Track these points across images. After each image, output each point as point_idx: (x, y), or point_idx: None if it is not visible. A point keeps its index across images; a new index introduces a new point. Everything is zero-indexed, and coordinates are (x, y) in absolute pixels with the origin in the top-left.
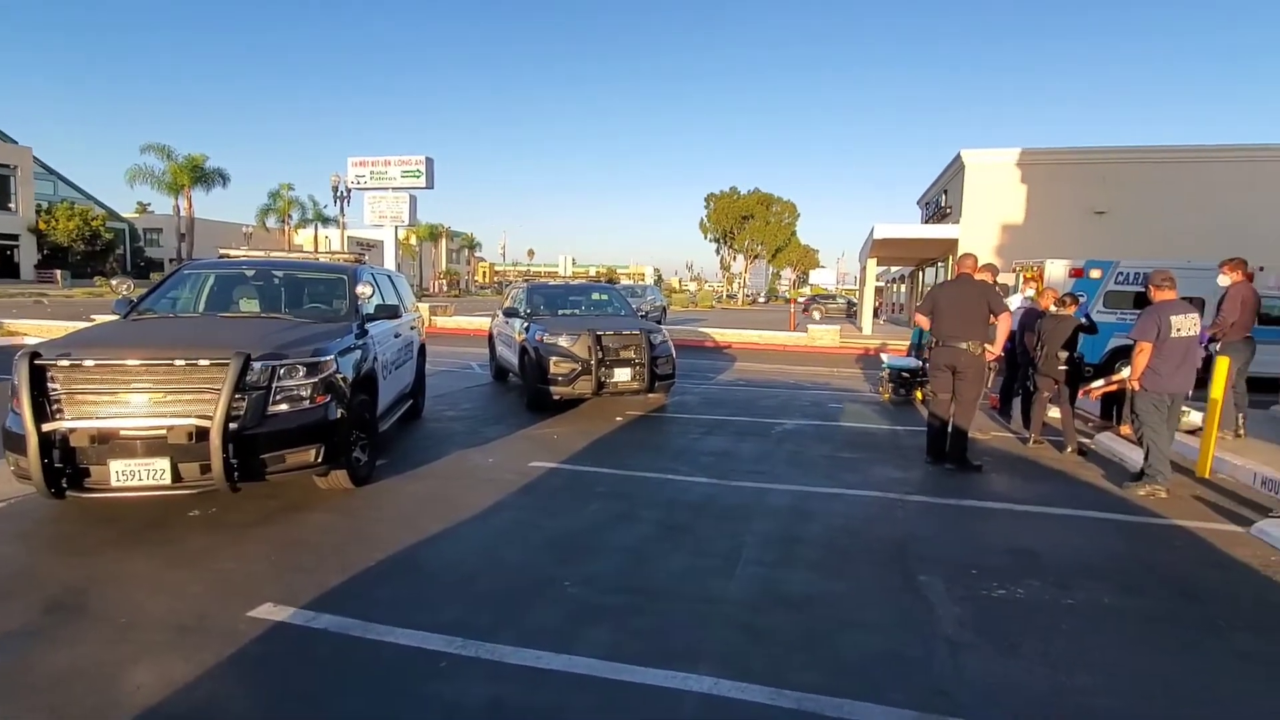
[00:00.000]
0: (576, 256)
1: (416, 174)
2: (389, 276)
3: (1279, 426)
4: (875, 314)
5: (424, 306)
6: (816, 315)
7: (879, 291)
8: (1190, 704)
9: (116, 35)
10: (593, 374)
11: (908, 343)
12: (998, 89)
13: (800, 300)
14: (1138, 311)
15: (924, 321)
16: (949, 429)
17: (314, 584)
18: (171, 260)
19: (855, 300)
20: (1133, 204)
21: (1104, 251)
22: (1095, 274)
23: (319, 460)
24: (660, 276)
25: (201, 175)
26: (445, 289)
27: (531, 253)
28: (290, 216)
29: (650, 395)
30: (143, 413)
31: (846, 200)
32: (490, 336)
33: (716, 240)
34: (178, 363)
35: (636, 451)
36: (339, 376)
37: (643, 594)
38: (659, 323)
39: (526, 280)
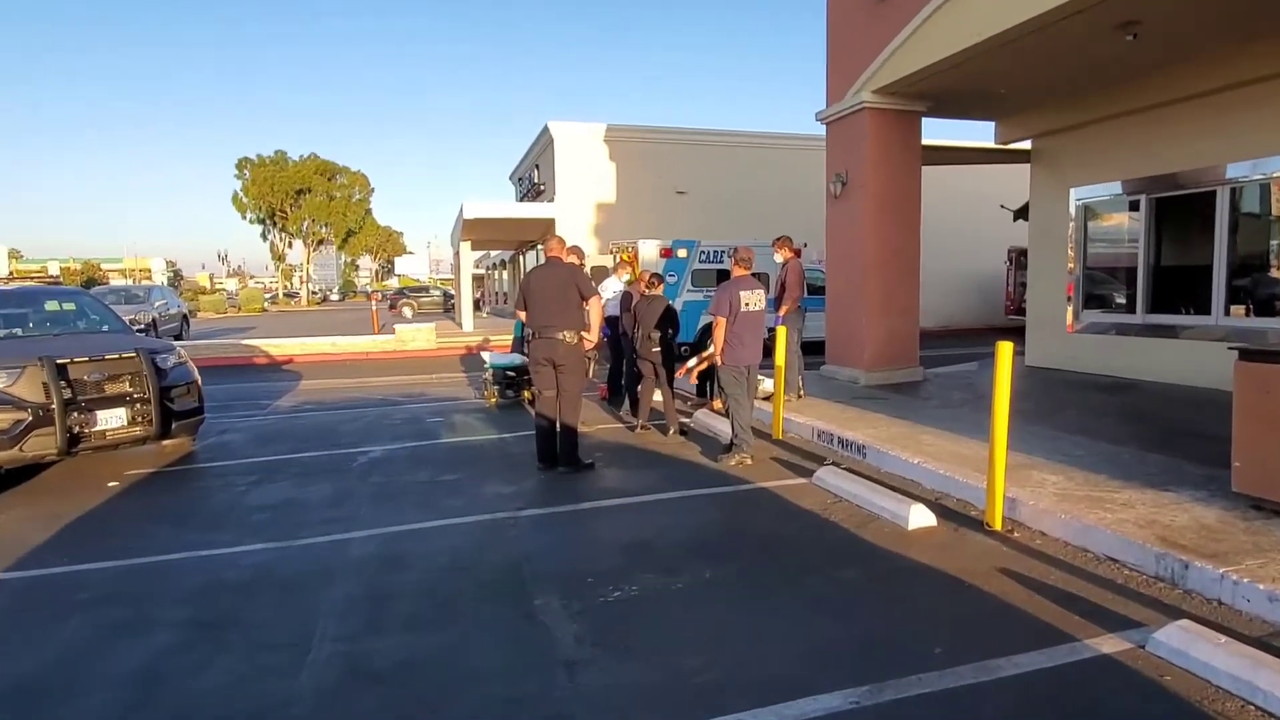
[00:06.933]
0: (23, 248)
1: None
2: None
3: (827, 383)
4: (477, 306)
5: None
6: (408, 312)
7: (479, 280)
8: (775, 654)
9: None
10: (56, 424)
11: (511, 337)
12: (583, 60)
13: (385, 295)
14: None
15: (522, 313)
16: (557, 429)
17: None
18: None
19: (454, 291)
20: (707, 184)
21: (688, 230)
22: (682, 253)
23: None
24: (179, 273)
25: None
26: None
27: None
28: None
29: (166, 443)
30: None
31: (434, 173)
32: None
33: (262, 221)
34: None
35: (147, 527)
36: None
37: None
38: (177, 337)
39: None
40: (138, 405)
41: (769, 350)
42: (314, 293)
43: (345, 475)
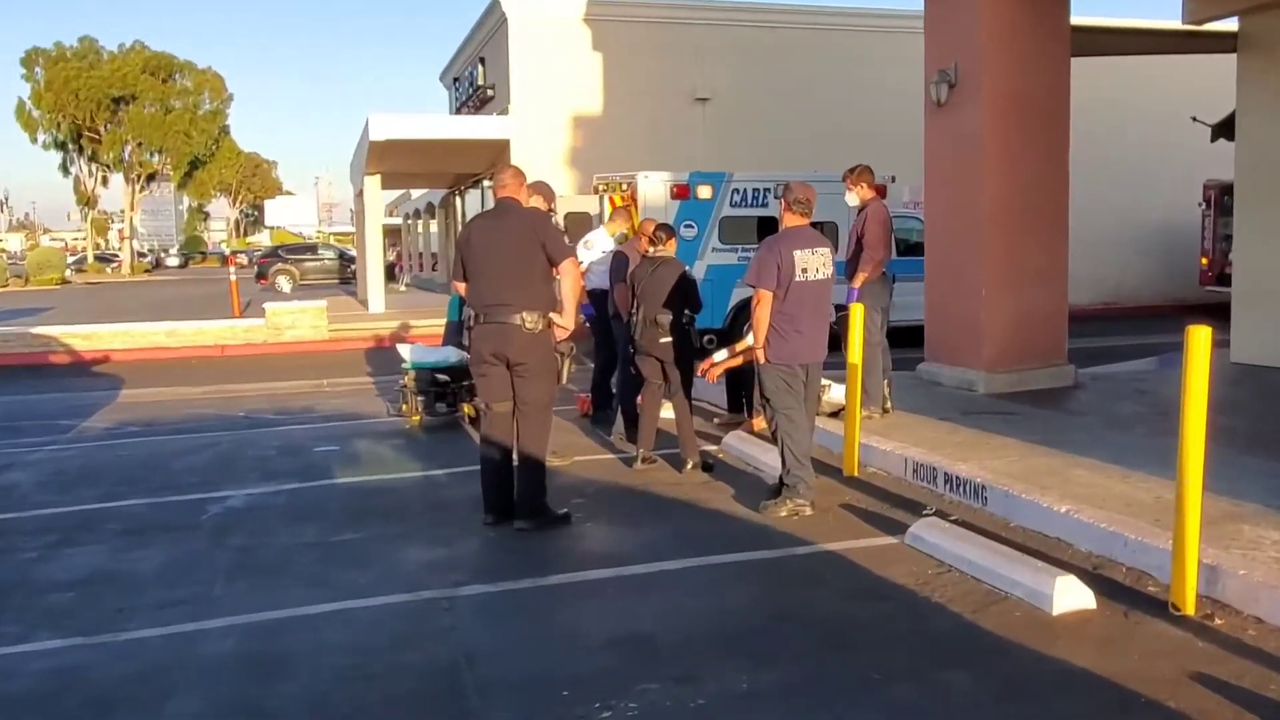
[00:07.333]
0: None
1: None
2: None
3: (927, 391)
4: (391, 275)
5: None
6: (285, 284)
7: (393, 234)
8: None
9: None
10: None
11: (444, 322)
12: None
13: (250, 258)
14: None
15: (460, 286)
16: (514, 462)
17: None
18: None
19: (355, 252)
20: (743, 88)
21: (714, 158)
22: (704, 192)
23: None
24: None
25: None
26: None
27: None
28: None
29: None
30: None
31: (324, 74)
32: None
33: (61, 146)
34: None
35: None
36: None
37: None
38: None
39: None
40: None
41: (838, 341)
42: (142, 255)
43: (190, 535)
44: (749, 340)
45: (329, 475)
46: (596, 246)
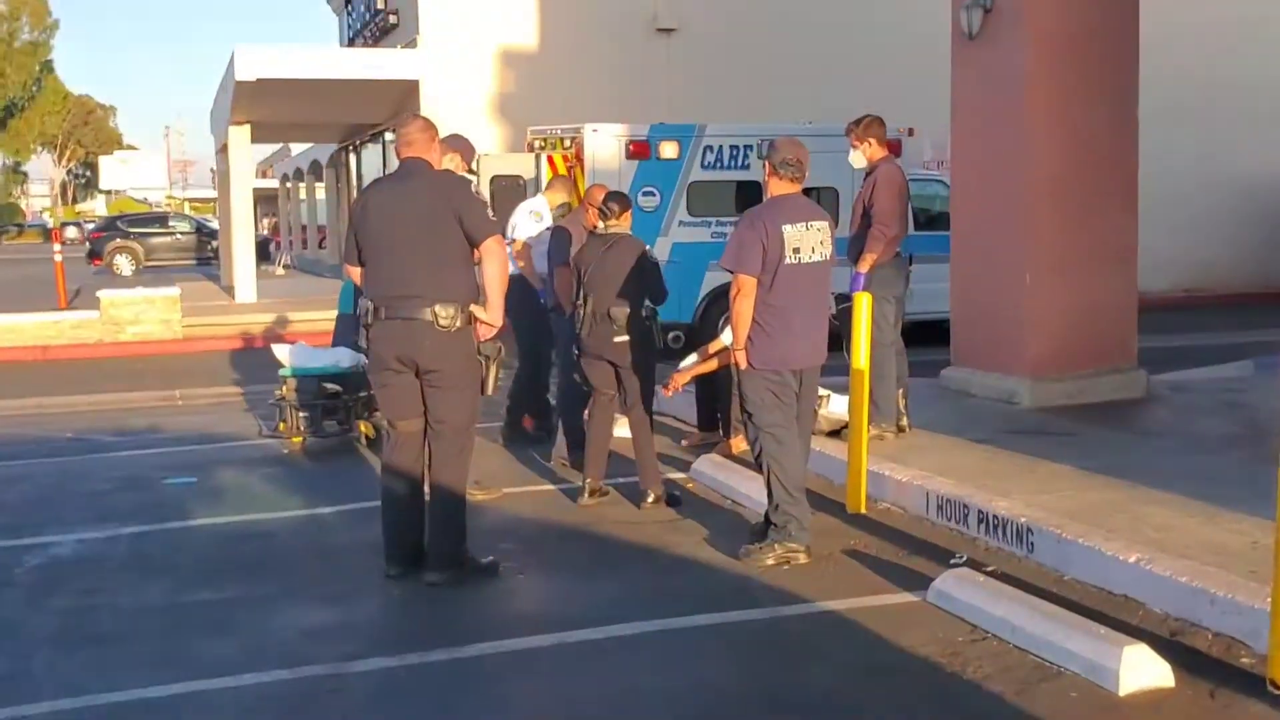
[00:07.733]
0: None
1: None
2: None
3: (954, 404)
4: (266, 253)
5: None
6: (125, 265)
7: (267, 200)
8: None
9: None
10: None
11: (334, 316)
12: None
13: (83, 231)
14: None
15: (355, 271)
16: (425, 497)
17: None
18: None
19: (217, 224)
20: (716, 15)
21: (680, 106)
22: (668, 151)
23: None
24: None
25: None
26: None
27: None
28: None
29: None
30: None
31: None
32: None
33: None
34: None
35: None
36: None
37: None
38: None
39: None
40: None
41: (839, 340)
42: None
43: (2, 593)
44: (725, 339)
45: (183, 515)
46: (530, 221)
